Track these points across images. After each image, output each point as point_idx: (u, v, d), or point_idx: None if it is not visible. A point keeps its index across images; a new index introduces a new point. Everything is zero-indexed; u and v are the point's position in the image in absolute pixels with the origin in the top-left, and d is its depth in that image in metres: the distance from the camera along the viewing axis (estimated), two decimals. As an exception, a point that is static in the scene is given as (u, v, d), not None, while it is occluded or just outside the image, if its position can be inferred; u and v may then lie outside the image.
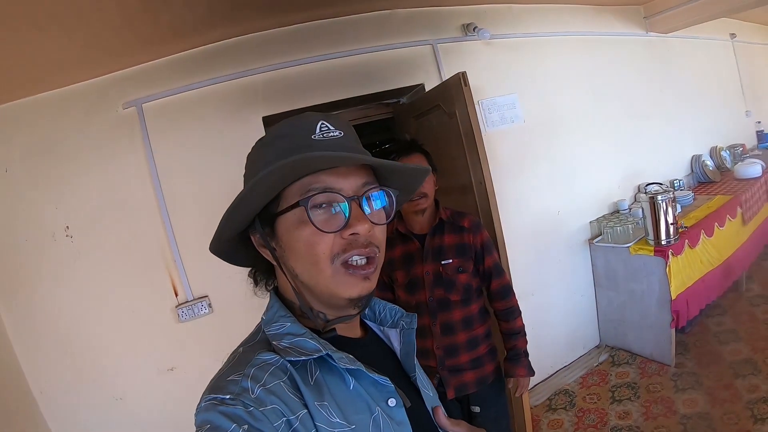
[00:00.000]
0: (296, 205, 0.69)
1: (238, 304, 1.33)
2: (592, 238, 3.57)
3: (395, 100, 3.36)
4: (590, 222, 3.62)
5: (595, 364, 3.41)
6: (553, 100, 3.48)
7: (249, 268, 0.86)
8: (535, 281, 3.36)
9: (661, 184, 3.55)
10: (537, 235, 3.39)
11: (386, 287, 2.11)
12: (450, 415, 0.84)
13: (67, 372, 2.42)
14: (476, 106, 3.10)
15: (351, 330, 0.83)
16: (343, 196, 0.71)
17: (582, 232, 3.61)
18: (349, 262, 0.71)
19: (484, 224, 2.48)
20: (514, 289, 2.10)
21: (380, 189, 0.77)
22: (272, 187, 0.70)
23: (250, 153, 0.79)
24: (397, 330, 0.89)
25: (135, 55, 2.51)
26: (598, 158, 3.68)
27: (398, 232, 2.05)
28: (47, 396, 2.40)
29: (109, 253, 2.46)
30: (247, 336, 0.78)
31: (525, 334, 2.04)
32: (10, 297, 2.37)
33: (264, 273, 0.85)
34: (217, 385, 0.63)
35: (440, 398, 1.85)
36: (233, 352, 0.72)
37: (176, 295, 2.57)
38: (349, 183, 0.72)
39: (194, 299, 2.58)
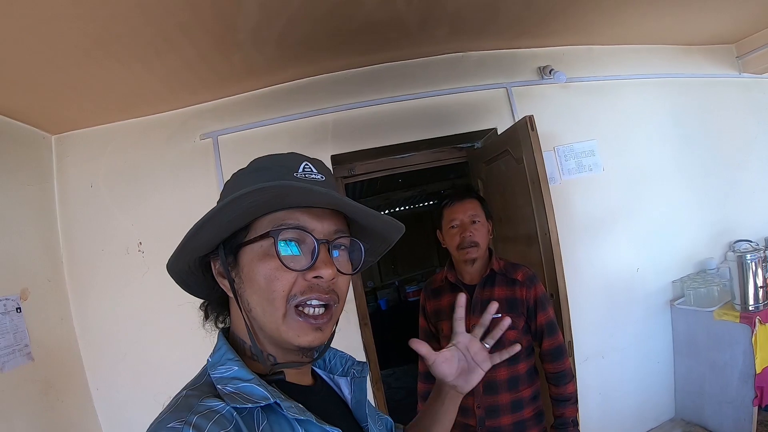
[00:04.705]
0: (266, 235, 0.73)
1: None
2: (674, 300, 3.54)
3: (469, 145, 3.59)
4: (673, 282, 3.60)
5: (666, 440, 3.37)
6: (636, 147, 3.57)
7: None
8: (607, 343, 3.39)
9: (751, 241, 3.51)
10: (611, 293, 3.43)
11: (432, 337, 2.19)
12: None
13: (123, 374, 2.86)
14: (552, 153, 3.31)
15: (301, 377, 0.85)
16: (313, 237, 0.75)
17: (663, 293, 3.59)
18: (305, 309, 0.75)
19: (547, 278, 2.60)
20: (581, 348, 2.07)
21: (351, 239, 0.82)
22: (245, 212, 0.72)
23: (227, 182, 0.84)
24: (348, 378, 0.94)
25: (212, 91, 2.99)
26: (684, 211, 3.68)
27: (447, 281, 2.12)
28: (101, 393, 2.86)
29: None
30: (192, 378, 0.78)
31: (576, 401, 2.00)
32: (82, 299, 2.88)
33: (217, 306, 0.89)
34: None
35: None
36: (176, 396, 0.72)
37: (235, 318, 2.93)
38: (322, 226, 0.76)
39: (251, 326, 2.91)
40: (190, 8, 2.05)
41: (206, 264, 0.83)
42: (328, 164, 3.02)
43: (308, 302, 0.74)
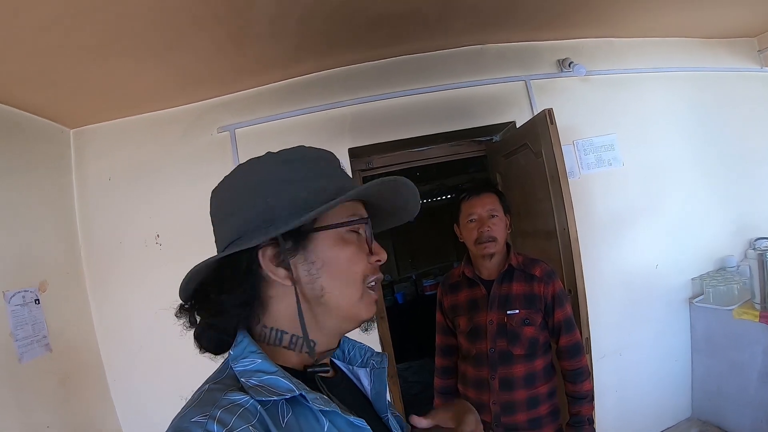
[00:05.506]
0: (346, 223, 0.79)
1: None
2: (693, 297, 3.51)
3: (487, 138, 3.58)
4: (692, 279, 3.56)
5: (682, 440, 3.35)
6: (657, 142, 3.53)
7: None
8: (624, 339, 3.37)
9: (772, 239, 3.48)
10: (630, 289, 3.41)
11: (449, 332, 2.20)
12: None
13: (141, 366, 2.92)
14: (571, 147, 3.29)
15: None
16: (371, 226, 0.83)
17: (683, 290, 3.55)
18: (372, 286, 0.83)
19: (565, 274, 2.60)
20: (598, 345, 2.03)
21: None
22: (356, 197, 0.81)
23: (269, 168, 0.80)
24: (367, 369, 0.95)
25: (229, 84, 3.02)
26: (705, 207, 3.63)
27: (465, 276, 2.11)
28: (119, 384, 2.93)
29: (192, 264, 2.90)
30: (213, 372, 0.79)
31: (592, 399, 1.98)
32: (101, 291, 2.95)
33: (242, 308, 0.79)
34: (179, 427, 0.62)
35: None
36: (198, 390, 0.73)
37: (252, 311, 2.98)
38: (364, 213, 0.85)
39: (268, 319, 2.96)
40: (203, 2, 2.06)
41: (231, 262, 0.77)
42: (346, 157, 3.07)
43: (372, 282, 0.82)
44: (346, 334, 0.91)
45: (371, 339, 3.06)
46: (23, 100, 2.54)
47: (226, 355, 0.81)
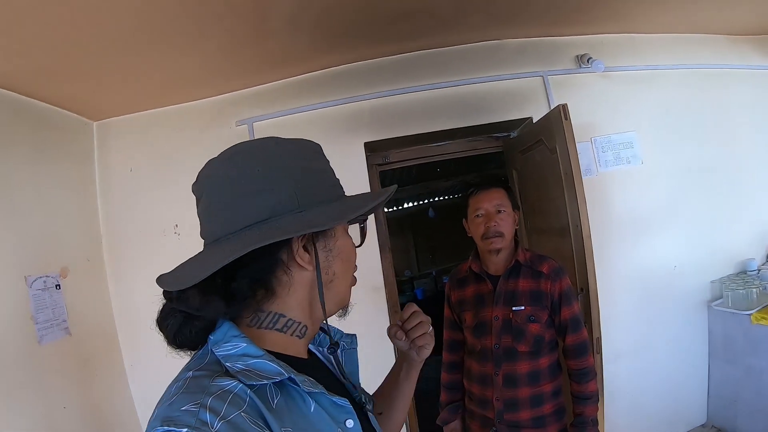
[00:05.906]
0: (359, 218, 0.87)
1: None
2: (712, 300, 3.43)
3: (504, 134, 3.56)
4: (712, 281, 3.48)
5: (696, 447, 3.28)
6: (677, 140, 3.46)
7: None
8: (639, 342, 3.32)
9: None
10: (646, 290, 3.36)
11: (457, 327, 2.21)
12: None
13: (157, 353, 2.92)
14: (589, 144, 3.26)
15: (300, 350, 0.85)
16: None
17: (701, 292, 3.47)
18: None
19: (578, 272, 2.57)
20: (613, 346, 1.99)
21: None
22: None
23: (300, 151, 0.82)
24: (339, 351, 0.96)
25: (248, 78, 3.07)
26: (726, 209, 3.54)
27: (472, 271, 2.11)
28: (135, 369, 3.03)
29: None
30: (191, 360, 0.77)
31: (597, 400, 1.95)
32: (120, 279, 3.04)
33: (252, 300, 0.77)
34: (169, 416, 0.60)
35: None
36: (181, 377, 0.71)
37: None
38: None
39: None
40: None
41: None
42: (362, 151, 3.12)
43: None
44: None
45: (383, 332, 3.08)
46: (48, 93, 2.63)
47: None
